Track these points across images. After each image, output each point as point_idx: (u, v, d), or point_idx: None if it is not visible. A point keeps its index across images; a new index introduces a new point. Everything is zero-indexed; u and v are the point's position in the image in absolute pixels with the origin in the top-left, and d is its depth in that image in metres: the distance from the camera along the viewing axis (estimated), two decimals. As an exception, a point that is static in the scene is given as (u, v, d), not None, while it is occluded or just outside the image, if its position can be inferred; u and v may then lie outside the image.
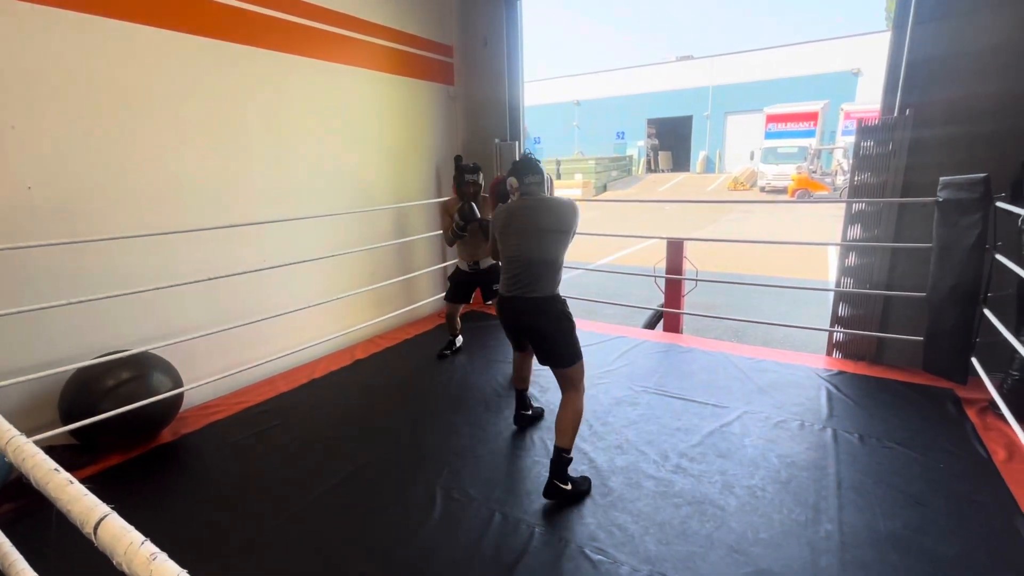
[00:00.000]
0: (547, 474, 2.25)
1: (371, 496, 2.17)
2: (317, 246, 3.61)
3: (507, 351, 3.73)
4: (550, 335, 2.12)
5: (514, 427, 2.67)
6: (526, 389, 2.68)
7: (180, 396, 2.66)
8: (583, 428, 2.65)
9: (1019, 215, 2.38)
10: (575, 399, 2.14)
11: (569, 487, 2.08)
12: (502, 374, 3.35)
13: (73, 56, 2.43)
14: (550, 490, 2.05)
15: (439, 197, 4.69)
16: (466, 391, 3.12)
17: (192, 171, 2.92)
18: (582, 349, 2.19)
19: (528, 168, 2.19)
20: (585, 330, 4.13)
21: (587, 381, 3.11)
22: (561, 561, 1.77)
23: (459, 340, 3.83)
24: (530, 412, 2.72)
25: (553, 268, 2.13)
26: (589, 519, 1.98)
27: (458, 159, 4.59)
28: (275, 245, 3.35)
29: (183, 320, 2.92)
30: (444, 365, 3.56)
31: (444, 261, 4.85)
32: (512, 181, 2.23)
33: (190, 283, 2.75)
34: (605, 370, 3.35)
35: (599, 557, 1.78)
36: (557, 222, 2.12)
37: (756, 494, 2.10)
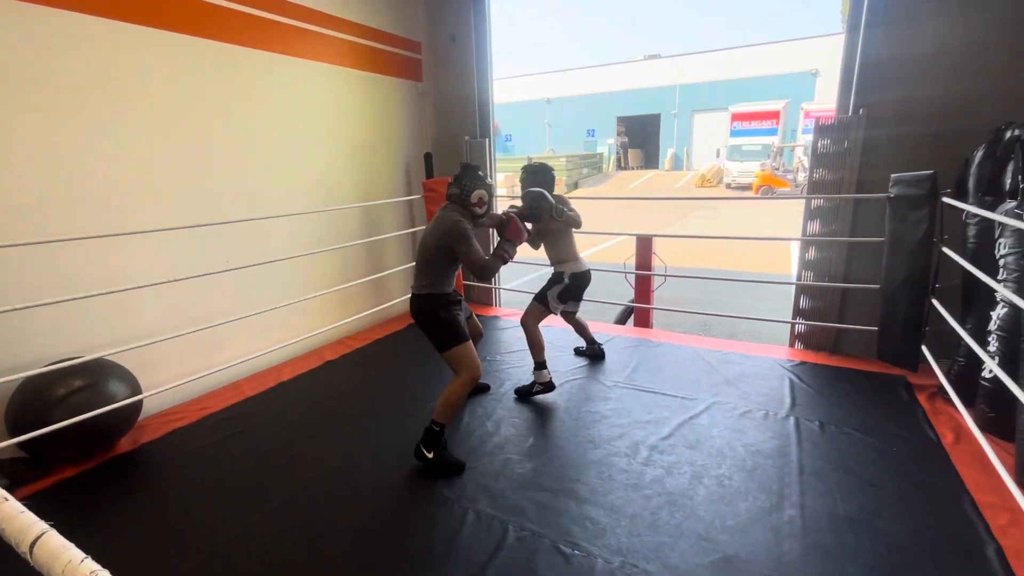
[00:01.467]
0: (520, 471, 2.26)
1: (340, 500, 2.14)
2: (283, 246, 3.52)
3: (480, 350, 3.72)
4: (425, 325, 2.39)
5: (488, 427, 2.66)
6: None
7: (139, 404, 2.56)
8: (556, 425, 2.67)
9: (963, 210, 2.51)
10: (455, 381, 2.32)
11: (430, 455, 2.27)
12: (475, 372, 3.33)
13: (14, 49, 2.30)
14: (416, 451, 2.32)
15: (408, 195, 4.64)
16: (437, 390, 3.07)
17: (148, 169, 2.81)
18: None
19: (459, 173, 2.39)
20: (556, 326, 4.16)
21: (560, 377, 3.18)
22: (535, 557, 1.78)
23: (598, 347, 3.50)
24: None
25: (431, 272, 2.35)
26: (563, 513, 2.00)
27: (428, 156, 4.55)
28: (239, 245, 3.25)
29: (141, 325, 2.80)
30: (415, 363, 3.52)
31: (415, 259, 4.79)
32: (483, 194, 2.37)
33: (147, 286, 2.64)
34: (578, 366, 3.39)
35: (572, 551, 1.80)
36: (435, 239, 2.33)
37: (723, 483, 2.16)
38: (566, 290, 3.02)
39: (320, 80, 3.76)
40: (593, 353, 3.50)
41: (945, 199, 2.65)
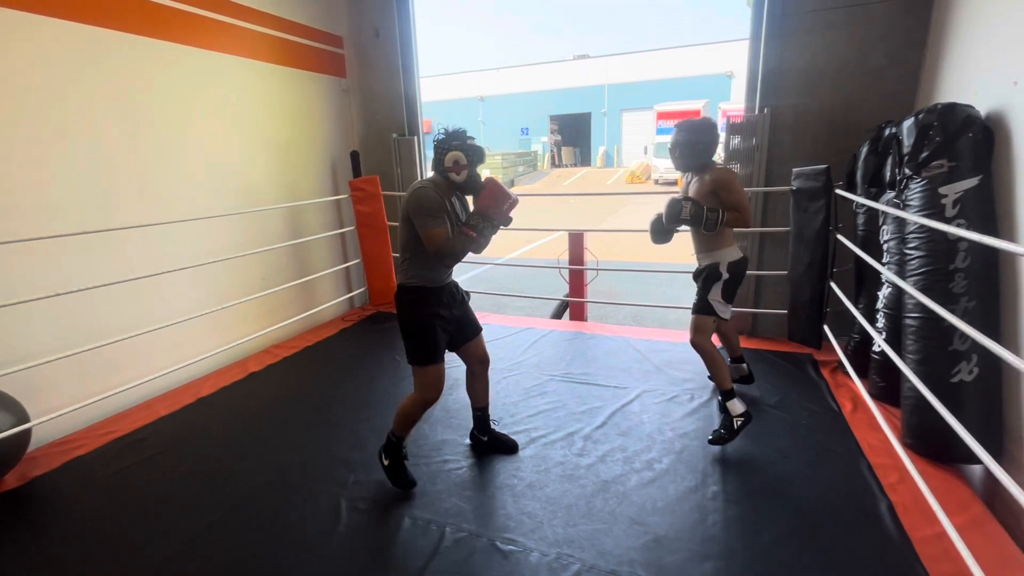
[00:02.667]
0: (457, 472, 2.25)
1: (268, 519, 2.02)
2: (196, 251, 3.27)
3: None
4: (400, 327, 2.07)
5: (424, 430, 2.62)
6: (480, 408, 2.38)
7: (26, 433, 2.28)
8: (494, 420, 2.67)
9: (853, 201, 2.77)
10: (411, 396, 2.10)
11: (386, 463, 2.14)
12: (409, 376, 3.26)
13: None
14: (378, 453, 2.18)
15: (336, 195, 4.47)
16: (372, 396, 3.01)
17: (31, 170, 2.51)
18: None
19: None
20: (495, 324, 4.16)
21: (499, 374, 3.19)
22: (472, 557, 1.77)
23: (740, 367, 2.85)
24: (485, 438, 2.39)
25: (401, 253, 2.03)
26: (499, 511, 2.00)
27: (354, 155, 4.41)
28: (144, 252, 2.99)
29: (28, 344, 2.51)
30: (349, 372, 3.40)
31: (346, 261, 4.63)
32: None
33: (30, 300, 2.36)
34: (515, 362, 3.40)
35: (509, 547, 1.80)
36: (402, 209, 2.00)
37: (653, 467, 2.25)
38: (728, 285, 2.39)
39: (234, 74, 3.53)
40: (741, 376, 2.83)
41: (838, 191, 2.91)
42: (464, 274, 7.17)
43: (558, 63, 27.64)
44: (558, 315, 5.02)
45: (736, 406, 2.30)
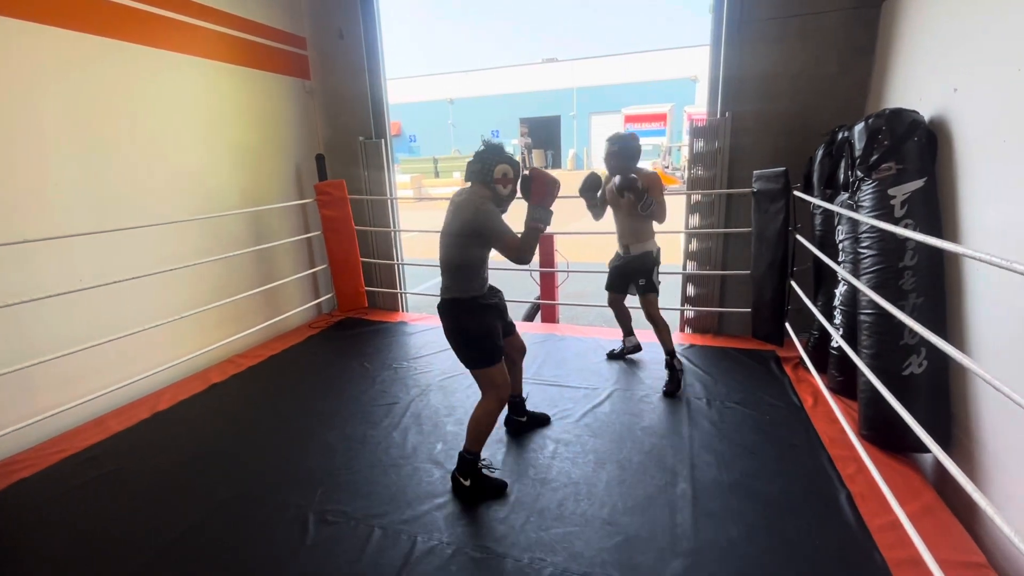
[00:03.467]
0: (428, 479, 2.22)
1: (232, 535, 1.95)
2: (152, 259, 3.14)
3: (386, 358, 3.61)
4: (451, 337, 2.11)
5: (395, 437, 2.58)
6: (517, 394, 2.54)
7: (-36, 456, 2.14)
8: (464, 427, 2.64)
9: (810, 202, 2.87)
10: (480, 403, 2.11)
11: (467, 483, 2.08)
12: (379, 383, 3.22)
13: None
14: (452, 482, 2.13)
15: (301, 199, 4.37)
16: (341, 405, 2.95)
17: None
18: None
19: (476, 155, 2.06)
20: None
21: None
22: (444, 566, 1.75)
23: (631, 341, 3.34)
24: (524, 418, 2.57)
25: (454, 270, 2.06)
26: (471, 517, 1.98)
27: (319, 158, 4.32)
28: (94, 261, 2.85)
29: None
30: (317, 380, 3.32)
31: (312, 267, 4.53)
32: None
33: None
34: (486, 366, 3.38)
35: (481, 555, 1.79)
36: (459, 226, 2.01)
37: (624, 467, 2.28)
38: (658, 267, 2.97)
39: (192, 75, 3.40)
40: (633, 345, 3.39)
41: (796, 192, 3.01)
42: (435, 277, 7.10)
43: (527, 66, 27.77)
44: (529, 317, 5.03)
45: (678, 362, 2.99)
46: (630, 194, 2.76)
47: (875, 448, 2.23)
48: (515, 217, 2.05)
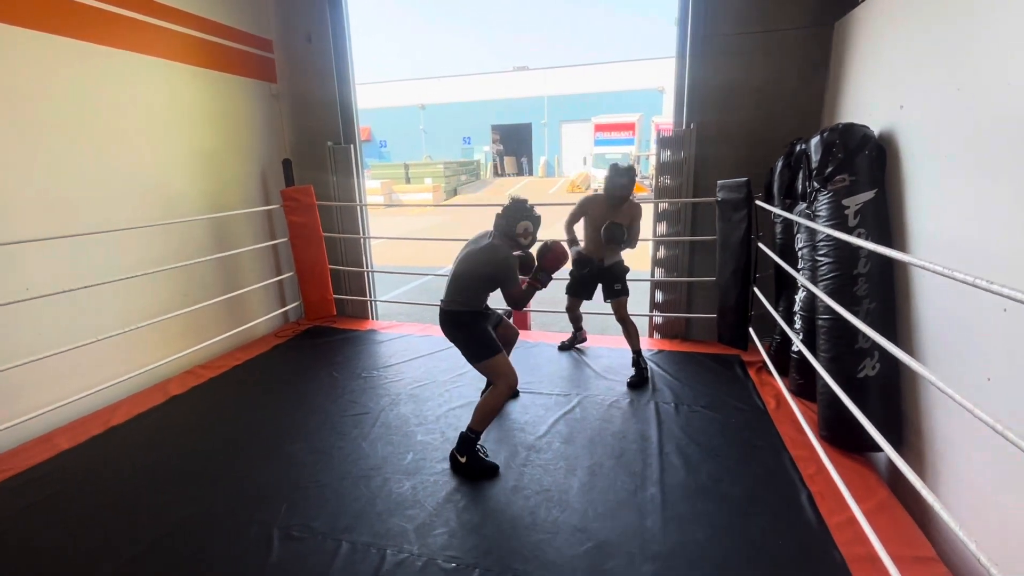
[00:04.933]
0: (398, 491, 2.19)
1: (190, 556, 1.87)
2: (107, 266, 3.00)
3: (355, 367, 3.54)
4: (453, 340, 2.45)
5: (364, 448, 2.53)
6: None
7: None
8: (436, 438, 2.62)
9: (771, 211, 2.98)
10: (493, 390, 2.35)
11: (463, 460, 2.29)
12: (348, 392, 3.16)
13: None
14: (450, 457, 2.36)
15: (267, 204, 4.26)
16: (309, 416, 2.87)
17: None
18: (485, 351, 2.38)
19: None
20: (438, 335, 4.10)
21: (441, 387, 3.16)
22: (414, 578, 1.72)
23: (581, 335, 3.76)
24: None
25: (464, 290, 2.42)
26: (442, 528, 1.96)
27: (286, 163, 4.23)
28: (42, 269, 2.71)
29: None
30: (283, 391, 3.23)
31: (279, 274, 4.41)
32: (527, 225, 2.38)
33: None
34: (457, 374, 3.36)
35: (451, 565, 1.77)
36: (483, 269, 2.37)
37: (595, 472, 2.29)
38: (627, 272, 3.30)
39: (150, 76, 3.29)
40: (582, 339, 3.79)
41: (758, 202, 3.12)
42: (406, 285, 7.03)
43: (498, 74, 27.95)
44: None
45: (643, 361, 3.22)
46: (612, 244, 3.12)
47: (833, 448, 2.31)
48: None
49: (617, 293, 3.25)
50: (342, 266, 4.55)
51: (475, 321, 2.41)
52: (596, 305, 3.52)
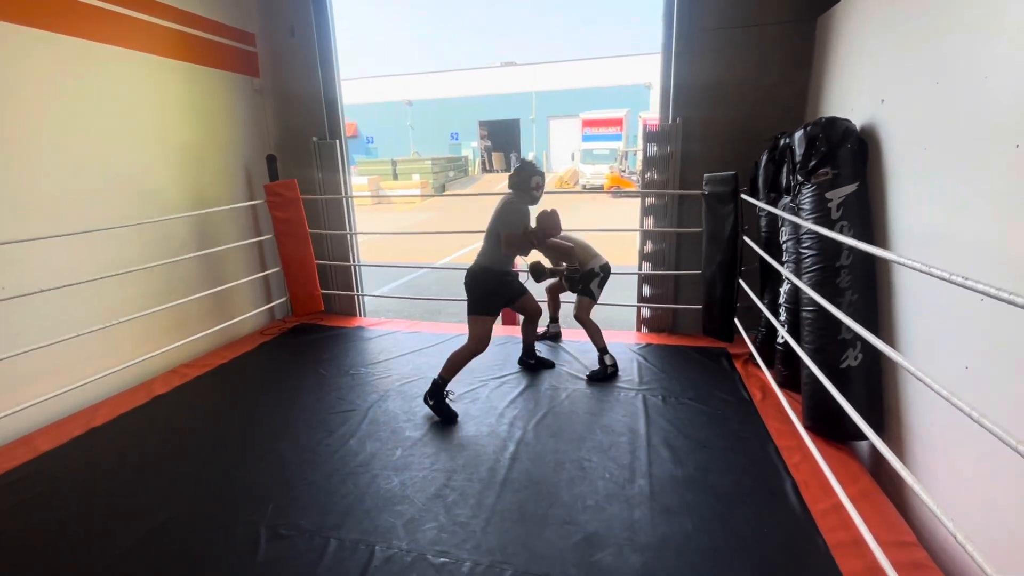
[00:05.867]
0: (387, 487, 2.18)
1: (175, 556, 1.84)
2: (86, 265, 2.94)
3: (343, 364, 3.52)
4: (468, 287, 2.80)
5: (352, 445, 2.51)
6: (530, 343, 3.32)
7: None
8: (425, 432, 2.62)
9: (756, 205, 3.01)
10: (465, 344, 2.75)
11: (431, 403, 2.72)
12: (336, 389, 3.14)
13: None
14: (424, 397, 2.78)
15: (251, 200, 4.20)
16: (295, 414, 2.85)
17: None
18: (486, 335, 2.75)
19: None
20: (427, 331, 4.10)
21: (426, 384, 3.10)
22: (404, 574, 1.72)
23: (554, 327, 3.89)
24: (532, 360, 3.33)
25: (488, 242, 2.79)
26: (431, 523, 1.96)
27: (270, 158, 4.18)
28: (17, 268, 2.64)
29: None
30: (268, 389, 3.19)
31: (264, 269, 4.36)
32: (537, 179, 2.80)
33: None
34: (446, 370, 3.35)
35: (441, 560, 1.77)
36: (496, 212, 2.80)
37: (583, 466, 2.31)
38: (603, 280, 3.35)
39: (127, 70, 3.22)
40: (552, 334, 3.89)
41: (743, 195, 3.15)
42: (395, 281, 6.99)
43: (486, 69, 27.82)
44: (491, 320, 5.02)
45: (611, 356, 3.24)
46: (545, 277, 3.42)
47: (818, 438, 2.35)
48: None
49: (581, 292, 3.32)
50: (329, 261, 4.51)
51: (487, 280, 2.75)
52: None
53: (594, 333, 3.25)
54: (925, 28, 1.95)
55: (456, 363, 2.72)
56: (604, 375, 3.16)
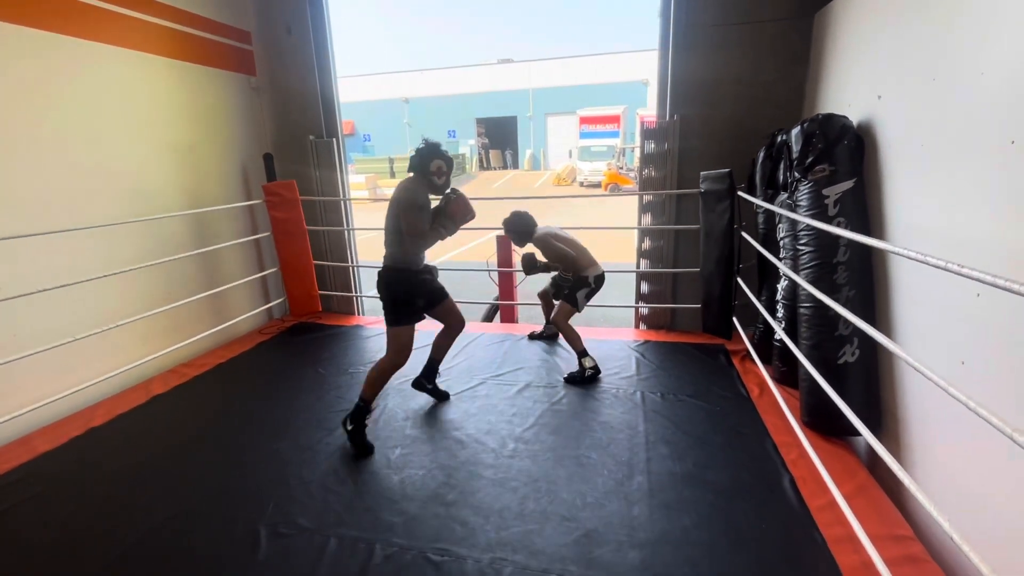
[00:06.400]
0: (387, 484, 2.19)
1: (175, 555, 1.85)
2: (83, 264, 2.93)
3: (341, 363, 3.52)
4: (380, 297, 2.47)
5: (348, 444, 2.51)
6: (436, 360, 2.89)
7: None
8: (424, 429, 2.63)
9: (753, 202, 3.01)
10: (381, 359, 2.46)
11: (349, 428, 2.45)
12: (335, 388, 3.14)
13: None
14: (343, 421, 2.51)
15: (248, 199, 4.19)
16: (293, 413, 2.85)
17: None
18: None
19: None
20: (425, 329, 4.08)
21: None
22: (403, 572, 1.72)
23: (550, 328, 3.74)
24: (430, 385, 2.91)
25: (388, 241, 2.42)
26: (431, 521, 1.96)
27: (267, 158, 4.17)
28: (14, 268, 2.63)
29: None
30: (267, 389, 3.19)
31: (262, 270, 4.35)
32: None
33: None
34: (446, 366, 3.34)
35: (441, 558, 1.77)
36: (392, 201, 2.40)
37: (582, 462, 2.31)
38: (592, 291, 3.26)
39: (123, 69, 3.20)
40: (549, 334, 3.82)
41: (740, 193, 3.15)
42: (393, 280, 6.96)
43: (483, 67, 27.76)
44: (489, 318, 5.02)
45: (589, 359, 3.13)
46: (536, 272, 3.44)
47: (815, 434, 2.36)
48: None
49: (563, 297, 3.29)
50: (327, 261, 4.51)
51: (398, 281, 2.41)
52: (596, 298, 3.50)
53: (572, 338, 3.19)
54: (921, 24, 1.95)
55: (376, 380, 2.44)
56: (582, 377, 3.09)
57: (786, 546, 1.80)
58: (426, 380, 2.89)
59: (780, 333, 2.58)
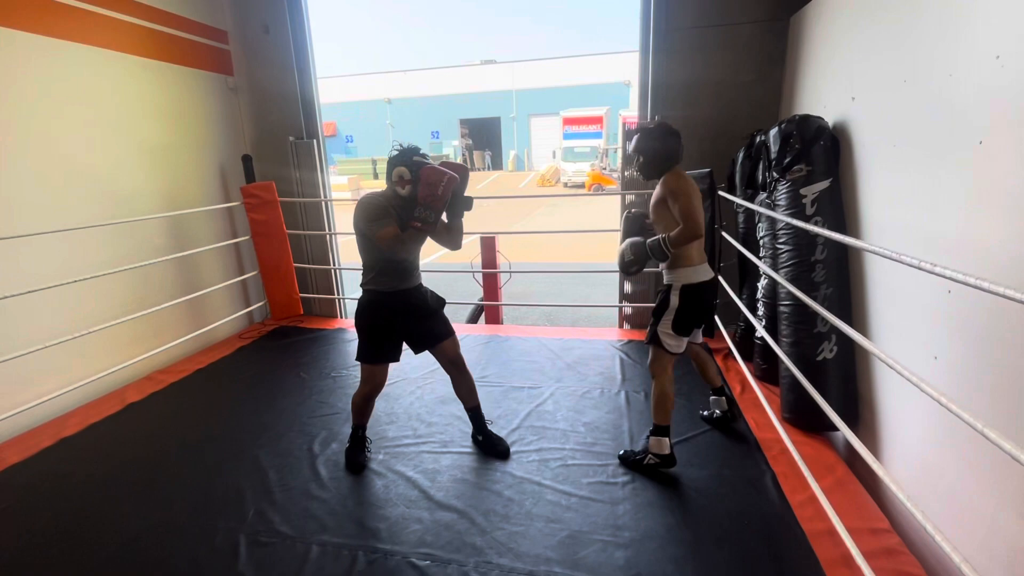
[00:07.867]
0: (371, 491, 2.16)
1: (151, 567, 1.79)
2: (52, 269, 2.84)
3: (323, 367, 3.47)
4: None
5: (334, 449, 2.48)
6: (470, 407, 2.45)
7: None
8: (409, 433, 2.60)
9: (733, 202, 3.05)
10: (358, 389, 2.31)
11: (347, 446, 2.38)
12: (317, 392, 3.09)
13: None
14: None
15: (227, 201, 4.12)
16: (276, 418, 2.80)
17: None
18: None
19: None
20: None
21: (413, 384, 3.12)
22: (388, 578, 1.70)
23: (723, 400, 2.55)
24: (480, 436, 2.43)
25: (362, 261, 2.19)
26: (415, 526, 1.94)
27: (246, 159, 4.10)
28: (-21, 274, 2.54)
29: None
30: (247, 394, 3.14)
31: (241, 273, 4.28)
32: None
33: None
34: (429, 370, 3.33)
35: (426, 563, 1.76)
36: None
37: (567, 463, 2.31)
38: (681, 316, 2.06)
39: (94, 68, 3.11)
40: (722, 410, 2.52)
41: (720, 192, 3.19)
42: (376, 282, 6.91)
43: (466, 67, 27.73)
44: (473, 319, 5.01)
45: (663, 444, 2.12)
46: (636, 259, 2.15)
47: (795, 429, 2.40)
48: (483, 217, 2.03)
49: (649, 338, 2.23)
50: (308, 263, 4.45)
51: (367, 308, 2.16)
52: (581, 298, 3.53)
53: (658, 403, 2.14)
54: (893, 27, 2.00)
55: (359, 408, 2.32)
56: (641, 461, 2.17)
57: (768, 541, 1.82)
58: (477, 432, 2.46)
59: (761, 331, 2.62)
